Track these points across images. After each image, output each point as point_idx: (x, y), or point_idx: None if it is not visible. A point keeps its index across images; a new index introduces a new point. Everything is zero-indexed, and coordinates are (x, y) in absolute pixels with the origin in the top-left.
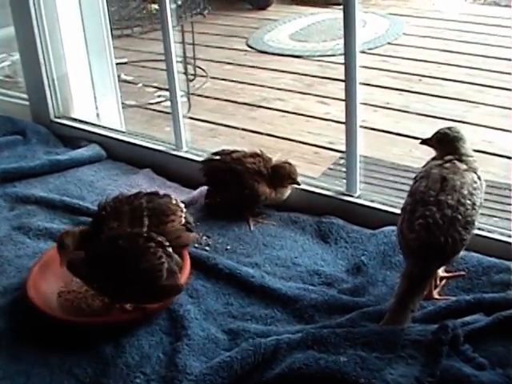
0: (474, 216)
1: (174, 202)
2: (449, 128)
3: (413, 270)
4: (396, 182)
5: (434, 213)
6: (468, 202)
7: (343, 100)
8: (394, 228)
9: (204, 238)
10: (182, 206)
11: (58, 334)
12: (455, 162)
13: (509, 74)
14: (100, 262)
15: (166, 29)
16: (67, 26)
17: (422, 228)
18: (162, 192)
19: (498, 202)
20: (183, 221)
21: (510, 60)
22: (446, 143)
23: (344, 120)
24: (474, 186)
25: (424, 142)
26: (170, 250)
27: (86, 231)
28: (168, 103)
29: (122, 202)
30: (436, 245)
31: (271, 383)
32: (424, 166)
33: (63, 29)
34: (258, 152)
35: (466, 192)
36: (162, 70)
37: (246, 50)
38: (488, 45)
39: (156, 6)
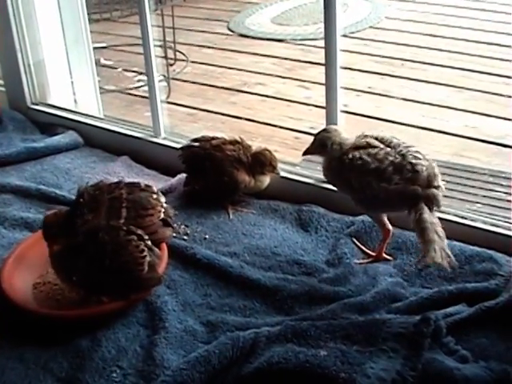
0: None
1: (154, 196)
2: (323, 131)
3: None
4: None
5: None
6: None
7: (324, 84)
8: None
9: (182, 226)
10: (163, 200)
11: (33, 328)
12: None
13: (491, 58)
14: (80, 254)
15: (144, 12)
16: (43, 11)
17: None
18: (143, 184)
19: (481, 189)
20: (162, 216)
21: (494, 45)
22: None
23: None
24: None
25: (306, 152)
26: (149, 243)
27: (66, 215)
28: (147, 88)
29: (102, 190)
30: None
31: (249, 378)
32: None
33: (39, 13)
34: (238, 139)
35: None
36: (141, 54)
37: (227, 34)
38: (471, 29)
39: None
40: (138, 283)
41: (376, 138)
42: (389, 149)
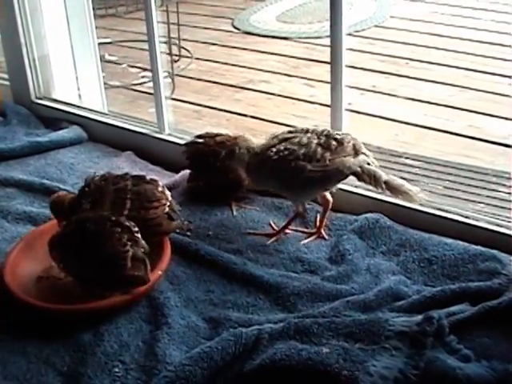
0: None
1: (160, 189)
2: (232, 151)
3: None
4: (381, 167)
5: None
6: None
7: (329, 83)
8: (378, 214)
9: (186, 222)
10: (169, 194)
11: (35, 322)
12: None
13: (496, 58)
14: (67, 243)
15: (149, 9)
16: (48, 5)
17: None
18: (149, 177)
19: (484, 189)
20: (167, 209)
21: (499, 45)
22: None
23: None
24: None
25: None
26: (139, 235)
27: (73, 200)
28: (152, 84)
29: (108, 181)
30: None
31: (252, 374)
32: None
33: (44, 8)
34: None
35: None
36: (146, 50)
37: (231, 31)
38: (475, 29)
39: None
40: (121, 279)
41: (290, 132)
42: (309, 134)
